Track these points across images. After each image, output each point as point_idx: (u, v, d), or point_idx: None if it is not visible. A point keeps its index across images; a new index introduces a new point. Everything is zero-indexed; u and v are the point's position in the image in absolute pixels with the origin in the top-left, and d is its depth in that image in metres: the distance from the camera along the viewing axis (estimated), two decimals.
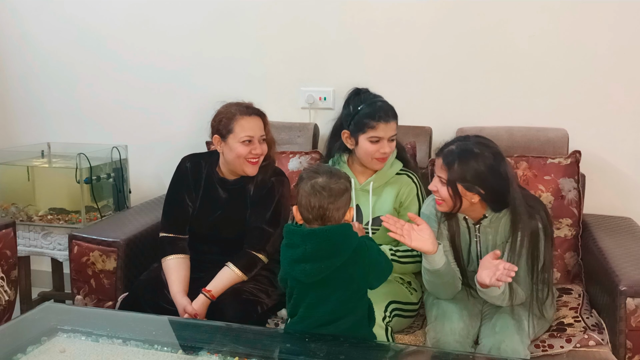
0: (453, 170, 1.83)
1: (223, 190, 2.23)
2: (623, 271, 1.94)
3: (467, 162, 1.82)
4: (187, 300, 2.03)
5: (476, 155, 1.83)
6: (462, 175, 1.82)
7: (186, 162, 2.30)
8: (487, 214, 1.93)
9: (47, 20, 3.16)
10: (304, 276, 1.67)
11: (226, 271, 2.09)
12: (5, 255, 2.40)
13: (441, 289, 1.97)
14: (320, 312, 1.69)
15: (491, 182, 1.83)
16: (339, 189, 1.70)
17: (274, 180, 2.22)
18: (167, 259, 2.17)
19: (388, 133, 2.13)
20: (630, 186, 2.61)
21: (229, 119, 2.14)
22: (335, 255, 1.65)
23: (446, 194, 1.86)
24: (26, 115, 3.29)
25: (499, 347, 1.79)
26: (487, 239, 1.95)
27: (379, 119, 2.12)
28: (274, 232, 2.16)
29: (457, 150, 1.86)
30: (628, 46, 2.54)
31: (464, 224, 1.97)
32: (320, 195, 1.68)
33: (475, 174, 1.82)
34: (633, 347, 1.87)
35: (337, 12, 2.79)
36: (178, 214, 2.24)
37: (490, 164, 1.83)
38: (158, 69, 3.06)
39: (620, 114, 2.58)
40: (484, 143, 1.88)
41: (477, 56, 2.68)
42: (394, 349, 1.84)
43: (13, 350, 1.65)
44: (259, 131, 2.16)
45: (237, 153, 2.13)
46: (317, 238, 1.66)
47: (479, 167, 1.82)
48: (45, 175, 2.89)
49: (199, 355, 1.64)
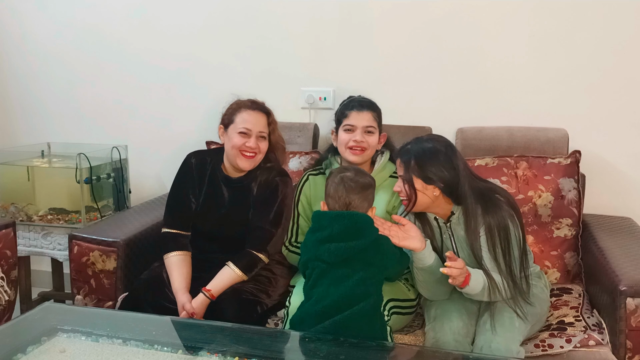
0: (410, 166, 1.90)
1: (227, 188, 2.23)
2: (623, 271, 1.94)
3: (422, 156, 1.90)
4: (188, 298, 2.03)
5: (429, 148, 1.91)
6: (419, 169, 1.89)
7: (191, 158, 2.30)
8: (454, 211, 1.95)
9: (47, 20, 3.16)
10: (328, 255, 1.80)
11: (226, 271, 2.08)
12: (5, 255, 2.40)
13: (435, 288, 1.97)
14: (339, 291, 1.76)
15: (447, 175, 1.88)
16: (365, 182, 1.90)
17: (279, 180, 2.22)
18: (170, 255, 2.17)
19: (360, 122, 2.21)
20: (630, 186, 2.62)
21: (234, 110, 2.20)
22: (359, 237, 1.80)
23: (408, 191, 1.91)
24: (26, 115, 3.29)
25: (490, 344, 1.79)
26: (460, 235, 1.96)
27: (351, 108, 2.24)
28: (276, 232, 2.16)
29: (412, 148, 1.93)
30: (628, 46, 2.54)
31: (435, 223, 2.00)
32: (348, 186, 1.87)
33: (431, 166, 1.88)
34: (633, 347, 1.87)
35: (337, 12, 2.79)
36: (182, 209, 2.25)
37: (443, 155, 1.90)
38: (158, 69, 3.06)
39: (620, 114, 2.58)
40: (436, 137, 2.00)
41: (477, 56, 2.68)
42: (393, 349, 1.83)
43: (13, 350, 1.65)
44: (258, 126, 2.16)
45: (233, 143, 2.15)
46: (344, 220, 1.82)
47: (433, 159, 1.89)
48: (45, 175, 2.89)
49: (199, 355, 1.64)
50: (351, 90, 2.60)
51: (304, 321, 1.81)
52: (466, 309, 1.96)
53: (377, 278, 1.83)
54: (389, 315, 1.96)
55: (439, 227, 2.00)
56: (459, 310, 1.93)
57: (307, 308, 1.83)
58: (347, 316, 1.74)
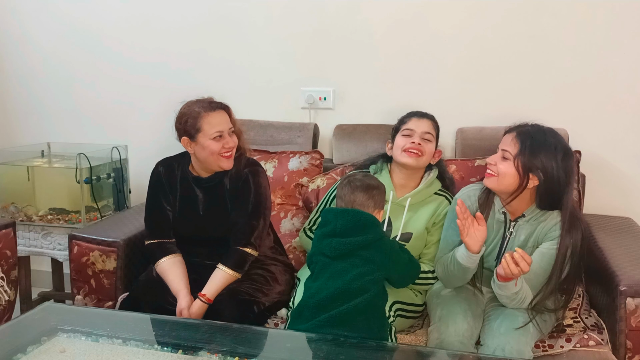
0: (525, 146, 1.85)
1: (199, 188, 2.20)
2: (623, 271, 1.94)
3: (541, 144, 1.85)
4: (187, 303, 2.02)
5: (551, 142, 1.86)
6: (530, 153, 1.84)
7: (159, 167, 2.27)
8: (526, 213, 1.93)
9: (47, 20, 3.16)
10: (330, 250, 1.85)
11: (218, 273, 2.07)
12: (5, 255, 2.40)
13: (454, 280, 2.01)
14: (336, 284, 1.78)
15: (555, 174, 1.84)
16: (371, 183, 1.96)
17: (248, 171, 2.18)
18: (160, 262, 2.15)
19: (420, 127, 2.21)
20: (630, 186, 2.62)
21: (194, 118, 2.10)
22: (360, 233, 1.84)
23: (505, 170, 1.87)
24: (26, 115, 3.29)
25: (504, 348, 1.79)
26: (519, 239, 1.95)
27: (412, 115, 2.28)
28: (257, 223, 2.14)
29: (532, 130, 1.89)
30: (628, 46, 2.54)
31: (502, 217, 1.98)
32: (354, 185, 1.94)
33: (545, 158, 1.84)
34: (633, 347, 1.87)
35: (337, 12, 2.79)
36: (160, 220, 2.22)
37: (561, 155, 1.85)
38: (158, 69, 3.06)
39: (620, 114, 2.58)
40: (558, 134, 1.92)
41: (477, 56, 2.68)
42: (395, 349, 1.83)
43: (13, 350, 1.65)
44: (226, 125, 2.13)
45: (211, 150, 2.10)
46: (348, 216, 1.88)
47: (550, 152, 1.85)
48: (45, 175, 2.89)
49: (199, 355, 1.64)
50: (351, 90, 2.61)
51: (301, 314, 1.83)
52: (472, 310, 1.95)
53: (376, 275, 1.84)
54: (394, 317, 1.97)
55: (504, 222, 1.98)
56: (464, 312, 1.92)
57: (305, 300, 1.85)
58: (343, 311, 1.74)
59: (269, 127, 2.78)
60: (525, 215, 1.93)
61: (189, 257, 2.19)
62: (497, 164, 1.90)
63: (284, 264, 2.32)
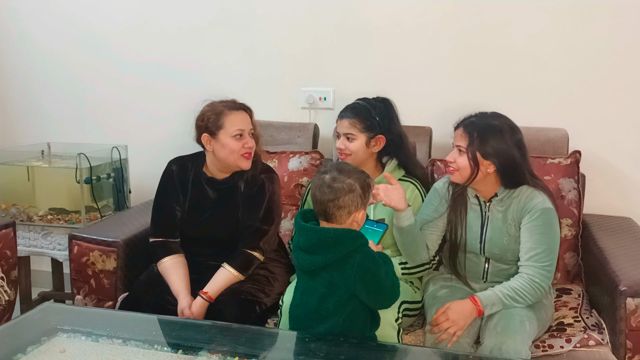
0: (473, 137, 1.93)
1: (212, 190, 2.21)
2: (623, 271, 1.94)
3: (486, 131, 1.93)
4: (187, 302, 2.02)
5: (495, 125, 1.94)
6: (482, 142, 1.92)
7: (172, 165, 2.27)
8: (498, 193, 2.00)
9: (47, 20, 3.16)
10: (298, 263, 1.75)
11: (222, 272, 2.08)
12: (5, 255, 2.40)
13: (402, 247, 2.08)
14: (308, 301, 1.73)
15: (510, 154, 1.92)
16: (340, 188, 1.68)
17: (264, 177, 2.20)
18: (162, 261, 2.15)
19: (341, 129, 2.23)
20: (630, 186, 2.61)
21: (217, 114, 2.12)
22: (320, 253, 1.67)
23: (463, 163, 1.95)
24: (26, 115, 3.29)
25: (501, 347, 1.79)
26: (497, 218, 2.00)
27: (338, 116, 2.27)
28: (268, 229, 2.16)
29: (477, 121, 1.97)
30: (628, 46, 2.54)
31: (476, 201, 2.04)
32: (322, 190, 1.70)
33: (495, 142, 1.92)
34: (633, 347, 1.87)
35: (337, 12, 2.79)
36: (167, 219, 2.22)
37: (508, 134, 1.93)
38: (158, 68, 3.06)
39: (620, 114, 2.58)
40: (502, 115, 2.01)
41: (477, 56, 2.68)
42: (395, 349, 1.83)
43: (13, 350, 1.65)
44: (248, 125, 2.15)
45: (231, 149, 2.11)
46: (307, 233, 1.70)
47: (497, 135, 1.93)
48: (45, 175, 2.89)
49: (199, 355, 1.64)
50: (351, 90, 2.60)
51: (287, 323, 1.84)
52: None
53: (339, 298, 1.68)
54: (401, 317, 1.97)
55: (479, 205, 2.04)
56: None
57: (290, 308, 1.82)
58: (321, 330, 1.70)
59: (269, 127, 2.77)
60: (497, 195, 2.00)
61: (192, 256, 2.20)
62: (456, 160, 1.98)
63: (286, 264, 2.33)
